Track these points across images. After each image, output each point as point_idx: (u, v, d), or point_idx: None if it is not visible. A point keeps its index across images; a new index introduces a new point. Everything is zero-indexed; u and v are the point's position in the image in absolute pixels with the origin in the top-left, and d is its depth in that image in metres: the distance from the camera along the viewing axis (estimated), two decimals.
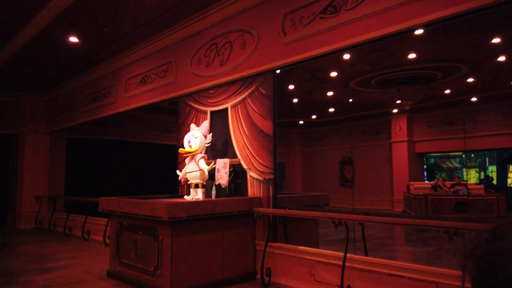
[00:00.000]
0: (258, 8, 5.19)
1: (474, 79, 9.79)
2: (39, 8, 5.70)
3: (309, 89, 10.93)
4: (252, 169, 5.17)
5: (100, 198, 5.34)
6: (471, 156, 23.08)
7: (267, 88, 5.07)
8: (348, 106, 13.49)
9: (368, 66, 8.57)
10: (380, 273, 3.82)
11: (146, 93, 7.26)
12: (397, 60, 8.33)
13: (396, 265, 3.75)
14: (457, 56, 7.90)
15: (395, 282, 3.69)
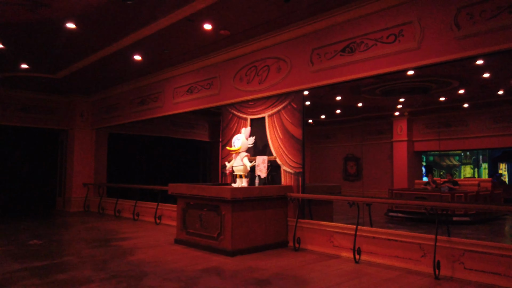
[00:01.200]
0: (291, 42, 6.85)
1: (464, 90, 11.40)
2: (120, 38, 7.37)
3: (321, 94, 12.57)
4: (285, 164, 6.87)
5: (169, 184, 7.07)
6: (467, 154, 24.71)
7: (298, 104, 6.75)
8: (354, 108, 15.09)
9: (372, 79, 10.19)
10: (380, 239, 5.52)
11: (193, 100, 8.94)
12: (398, 74, 9.94)
13: (391, 232, 5.46)
14: (447, 73, 9.51)
15: (391, 244, 5.40)
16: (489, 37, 4.60)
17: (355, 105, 14.41)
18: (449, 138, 15.10)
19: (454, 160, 26.74)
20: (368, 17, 5.77)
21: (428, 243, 5.07)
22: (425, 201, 7.89)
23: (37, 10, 6.03)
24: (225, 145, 7.98)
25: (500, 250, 4.50)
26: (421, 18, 5.20)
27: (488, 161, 21.61)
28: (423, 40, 5.17)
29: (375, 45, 5.68)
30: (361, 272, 5.06)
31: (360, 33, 5.86)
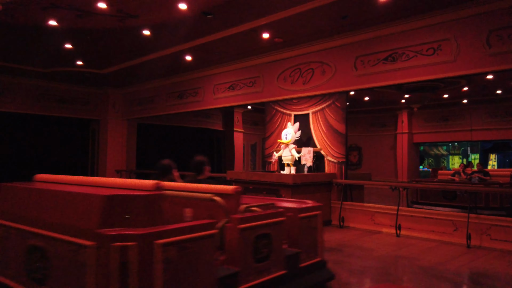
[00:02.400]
0: (336, 49, 7.91)
1: (468, 88, 12.70)
2: (182, 43, 8.31)
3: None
4: (329, 155, 8.00)
5: (228, 172, 8.12)
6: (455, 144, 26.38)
7: (341, 103, 7.86)
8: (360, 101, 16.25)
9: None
10: (417, 217, 6.74)
11: (235, 96, 9.93)
12: None
13: (427, 211, 6.68)
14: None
15: (427, 221, 6.62)
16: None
17: (361, 99, 15.57)
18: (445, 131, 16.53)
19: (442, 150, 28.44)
20: (409, 32, 6.87)
21: (459, 219, 6.30)
22: (451, 202, 8.51)
23: (125, 20, 6.93)
24: (268, 137, 9.06)
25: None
26: (457, 36, 6.34)
27: (480, 152, 23.26)
28: (459, 54, 6.32)
29: (416, 56, 6.80)
30: (405, 243, 6.27)
31: (402, 45, 6.97)
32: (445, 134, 16.78)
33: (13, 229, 3.16)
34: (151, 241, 2.38)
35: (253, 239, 3.19)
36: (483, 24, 6.07)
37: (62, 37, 8.01)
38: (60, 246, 2.68)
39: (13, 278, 3.12)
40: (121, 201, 2.58)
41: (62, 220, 2.73)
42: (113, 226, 2.46)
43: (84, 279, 2.43)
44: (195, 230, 2.65)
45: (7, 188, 3.46)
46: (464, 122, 16.01)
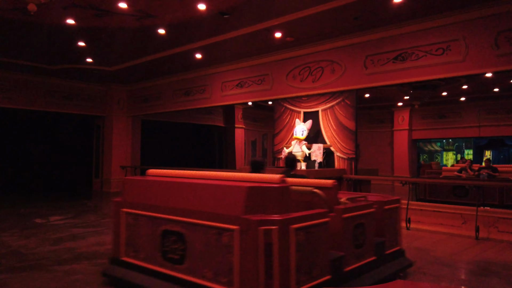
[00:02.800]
0: (346, 48, 8.14)
1: (467, 86, 13.03)
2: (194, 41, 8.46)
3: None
4: (338, 151, 8.24)
5: (239, 168, 8.30)
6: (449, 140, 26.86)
7: (351, 100, 8.10)
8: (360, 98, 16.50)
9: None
10: (426, 211, 7.02)
11: (243, 94, 10.12)
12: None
13: (436, 206, 6.95)
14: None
15: (436, 215, 6.90)
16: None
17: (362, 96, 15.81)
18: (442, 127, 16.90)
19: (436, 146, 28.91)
20: (419, 32, 7.12)
21: (467, 213, 6.60)
22: (461, 199, 8.38)
23: (143, 20, 7.06)
24: (277, 134, 9.27)
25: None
26: (466, 37, 6.59)
27: (473, 148, 23.73)
28: (468, 54, 6.58)
29: (425, 56, 7.05)
30: (416, 236, 6.54)
31: (411, 45, 7.21)
32: (443, 131, 17.17)
33: (143, 217, 3.60)
34: (288, 225, 2.84)
35: (352, 228, 3.60)
36: (492, 25, 6.33)
37: (77, 35, 8.11)
38: (199, 230, 3.12)
39: (146, 260, 3.56)
40: (259, 192, 2.97)
41: (202, 208, 3.14)
42: (252, 213, 2.87)
43: (227, 258, 2.90)
44: (315, 218, 3.11)
45: (132, 181, 3.91)
46: (460, 119, 16.41)
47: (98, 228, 6.82)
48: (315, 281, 3.03)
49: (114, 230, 3.95)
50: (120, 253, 3.84)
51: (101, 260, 4.74)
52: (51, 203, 10.11)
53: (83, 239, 5.90)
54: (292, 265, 2.83)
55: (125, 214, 3.82)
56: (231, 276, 2.88)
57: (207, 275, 3.05)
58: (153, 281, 3.41)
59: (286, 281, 2.79)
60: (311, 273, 3.01)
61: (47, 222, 7.25)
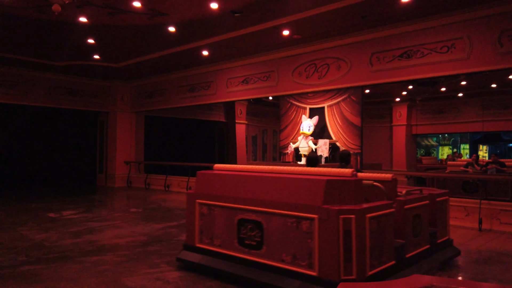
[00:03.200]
0: (352, 45, 8.33)
1: (466, 82, 13.29)
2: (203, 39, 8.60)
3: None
4: (344, 146, 8.45)
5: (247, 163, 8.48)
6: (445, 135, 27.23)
7: (357, 97, 8.30)
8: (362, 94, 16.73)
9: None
10: None
11: (249, 90, 10.28)
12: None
13: None
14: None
15: None
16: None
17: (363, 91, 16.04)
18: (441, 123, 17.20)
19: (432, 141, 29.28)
20: (425, 30, 7.32)
21: (470, 205, 6.85)
22: (470, 194, 8.28)
23: (155, 17, 7.20)
24: (283, 130, 9.46)
25: None
26: (470, 35, 6.81)
27: (469, 143, 24.11)
28: (472, 52, 6.80)
29: (430, 53, 7.27)
30: None
31: (417, 43, 7.42)
32: (441, 126, 17.47)
33: (218, 207, 3.95)
34: (364, 214, 3.16)
35: (411, 218, 3.91)
36: (495, 24, 6.55)
37: (87, 33, 8.22)
38: (277, 219, 3.45)
39: (222, 246, 3.93)
40: (336, 184, 3.28)
41: (280, 199, 3.46)
42: (329, 203, 3.19)
43: (307, 243, 3.24)
44: (383, 208, 3.42)
45: (205, 175, 4.26)
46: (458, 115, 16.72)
47: (113, 222, 6.99)
48: (383, 265, 3.36)
49: (188, 219, 4.28)
50: (194, 240, 4.18)
51: (124, 252, 4.92)
52: (59, 198, 10.25)
53: (101, 232, 6.07)
54: (367, 250, 3.15)
55: (199, 205, 4.16)
56: (310, 260, 3.22)
57: (286, 259, 3.38)
58: (230, 265, 3.77)
59: (362, 264, 3.11)
60: (380, 258, 3.34)
61: (61, 217, 7.40)
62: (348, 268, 3.05)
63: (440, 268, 4.30)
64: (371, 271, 3.20)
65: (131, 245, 5.32)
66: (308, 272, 3.21)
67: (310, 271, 3.20)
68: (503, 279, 4.17)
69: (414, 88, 14.06)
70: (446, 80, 12.85)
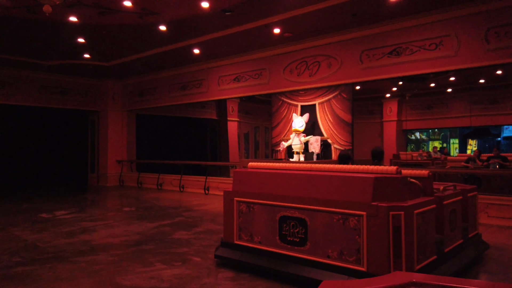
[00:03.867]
0: (342, 43, 8.41)
1: (454, 78, 13.47)
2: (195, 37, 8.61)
3: None
4: (335, 143, 8.54)
5: (241, 160, 8.53)
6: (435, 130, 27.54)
7: (347, 94, 8.38)
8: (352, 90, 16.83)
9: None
10: None
11: (240, 88, 10.33)
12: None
13: None
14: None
15: None
16: (511, 51, 6.40)
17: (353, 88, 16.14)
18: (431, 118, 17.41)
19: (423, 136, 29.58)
20: (413, 28, 7.42)
21: None
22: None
23: (146, 17, 7.20)
24: (275, 127, 9.52)
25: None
26: (458, 33, 6.93)
27: (459, 138, 24.42)
28: (459, 49, 6.92)
29: (419, 50, 7.37)
30: None
31: (406, 40, 7.52)
32: (431, 121, 17.69)
33: (257, 205, 4.03)
34: (412, 211, 3.22)
35: (448, 213, 4.00)
36: (482, 21, 6.67)
37: (77, 32, 8.19)
38: (322, 216, 3.53)
39: (263, 243, 3.99)
40: (384, 181, 3.33)
41: (326, 196, 3.53)
42: (377, 200, 3.26)
43: (354, 239, 3.31)
44: (427, 204, 3.48)
45: (242, 173, 4.32)
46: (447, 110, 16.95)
47: (106, 221, 7.00)
48: (427, 260, 3.44)
49: (226, 217, 4.35)
50: (233, 237, 4.25)
51: (118, 251, 4.96)
52: (51, 198, 10.21)
53: (95, 232, 6.09)
54: (415, 245, 3.22)
55: (237, 203, 4.24)
56: (358, 255, 3.29)
57: (332, 255, 3.45)
58: (273, 261, 3.83)
59: (411, 259, 3.18)
60: (425, 253, 3.41)
61: (53, 217, 7.39)
62: (397, 263, 3.13)
63: (475, 262, 4.45)
64: (418, 265, 3.27)
65: (125, 244, 5.35)
66: (357, 267, 3.28)
67: (359, 267, 3.27)
68: (488, 273, 4.28)
69: (404, 84, 14.23)
70: (435, 76, 13.00)
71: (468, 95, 16.08)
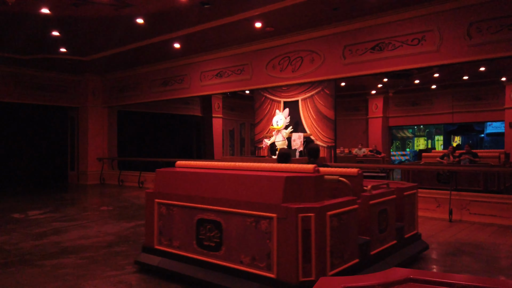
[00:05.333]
0: (325, 38, 8.25)
1: (439, 74, 13.47)
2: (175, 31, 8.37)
3: None
4: (318, 140, 8.42)
5: (222, 157, 8.34)
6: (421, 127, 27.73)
7: (330, 90, 8.26)
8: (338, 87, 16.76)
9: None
10: None
11: (223, 84, 10.10)
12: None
13: None
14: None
15: None
16: (493, 46, 6.33)
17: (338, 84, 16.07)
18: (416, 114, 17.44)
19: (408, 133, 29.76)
20: (396, 23, 7.31)
21: (441, 196, 6.92)
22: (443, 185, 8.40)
23: (121, 9, 6.93)
24: (258, 124, 9.36)
25: (495, 199, 6.43)
26: (440, 28, 6.83)
27: (443, 134, 24.60)
28: (442, 44, 6.82)
29: (401, 46, 7.26)
30: None
31: (388, 35, 7.40)
32: (416, 118, 17.71)
33: (177, 207, 3.74)
34: (324, 213, 3.02)
35: (377, 214, 3.81)
36: (464, 16, 6.58)
37: (51, 25, 7.87)
38: (236, 218, 3.27)
39: (181, 248, 3.70)
40: (296, 181, 3.11)
41: (240, 197, 3.29)
42: (289, 201, 3.04)
43: (265, 244, 3.07)
44: (346, 205, 3.28)
45: (164, 173, 4.05)
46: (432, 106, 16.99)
47: (80, 221, 6.75)
48: (346, 264, 3.25)
49: (147, 220, 4.09)
50: (153, 242, 3.98)
51: (88, 253, 4.73)
52: (27, 197, 9.89)
53: (66, 233, 5.84)
54: (327, 250, 3.03)
55: (158, 205, 3.97)
56: (269, 261, 3.07)
57: (245, 260, 3.23)
58: (189, 268, 3.58)
59: (322, 265, 2.99)
60: (342, 256, 3.23)
61: (26, 217, 7.11)
62: (307, 269, 2.92)
63: (409, 262, 4.28)
64: (332, 270, 3.08)
65: (96, 246, 5.12)
66: (267, 274, 3.06)
67: (269, 273, 3.05)
68: (470, 270, 4.19)
69: (389, 81, 14.18)
70: (419, 73, 12.98)
71: (452, 92, 16.14)
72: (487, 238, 5.51)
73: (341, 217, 3.19)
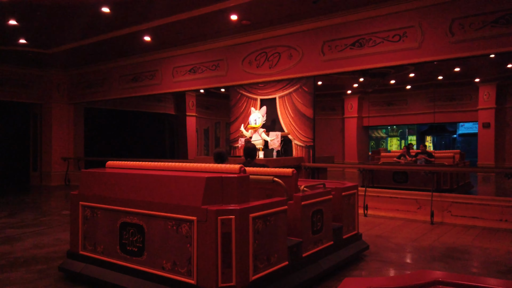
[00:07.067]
0: (303, 33, 7.92)
1: (414, 74, 13.43)
2: (144, 22, 7.84)
3: None
4: (296, 139, 8.07)
5: (196, 158, 7.86)
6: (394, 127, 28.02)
7: (309, 87, 7.93)
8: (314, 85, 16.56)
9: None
10: (383, 197, 7.06)
11: (197, 80, 9.63)
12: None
13: (392, 192, 7.00)
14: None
15: (392, 201, 6.96)
16: (476, 44, 6.15)
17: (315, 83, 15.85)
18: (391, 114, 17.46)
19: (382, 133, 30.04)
20: (377, 18, 7.05)
21: (422, 198, 6.71)
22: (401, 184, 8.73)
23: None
24: (233, 122, 8.94)
25: (476, 200, 6.26)
26: (422, 24, 6.62)
27: (417, 134, 24.89)
28: (423, 41, 6.61)
29: (382, 42, 7.02)
30: (375, 222, 6.55)
31: (369, 31, 7.14)
32: (390, 118, 17.74)
33: (101, 210, 3.57)
34: (247, 215, 2.87)
35: (311, 214, 3.70)
36: (447, 12, 6.38)
37: (7, 12, 7.19)
38: (158, 222, 3.10)
39: (105, 253, 3.50)
40: (218, 181, 2.95)
41: (161, 199, 3.10)
42: (211, 203, 2.88)
43: (186, 248, 2.90)
44: (273, 206, 3.15)
45: (89, 174, 3.81)
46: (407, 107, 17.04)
47: (37, 228, 6.14)
48: (272, 267, 3.12)
49: (72, 224, 3.86)
50: (78, 247, 3.75)
51: (40, 266, 4.19)
52: None
53: (20, 242, 5.25)
54: (250, 253, 2.88)
55: (83, 207, 3.75)
56: (189, 266, 2.91)
57: (166, 266, 3.06)
58: (112, 274, 3.36)
59: (244, 269, 2.84)
60: (269, 260, 3.09)
61: None
62: (227, 274, 2.77)
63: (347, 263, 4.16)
64: (256, 275, 2.93)
65: (51, 256, 4.58)
66: (187, 280, 2.89)
67: (189, 279, 2.89)
68: None
69: (365, 80, 14.05)
70: (395, 72, 12.89)
71: (427, 92, 16.21)
72: (472, 242, 5.30)
73: (267, 219, 3.07)
